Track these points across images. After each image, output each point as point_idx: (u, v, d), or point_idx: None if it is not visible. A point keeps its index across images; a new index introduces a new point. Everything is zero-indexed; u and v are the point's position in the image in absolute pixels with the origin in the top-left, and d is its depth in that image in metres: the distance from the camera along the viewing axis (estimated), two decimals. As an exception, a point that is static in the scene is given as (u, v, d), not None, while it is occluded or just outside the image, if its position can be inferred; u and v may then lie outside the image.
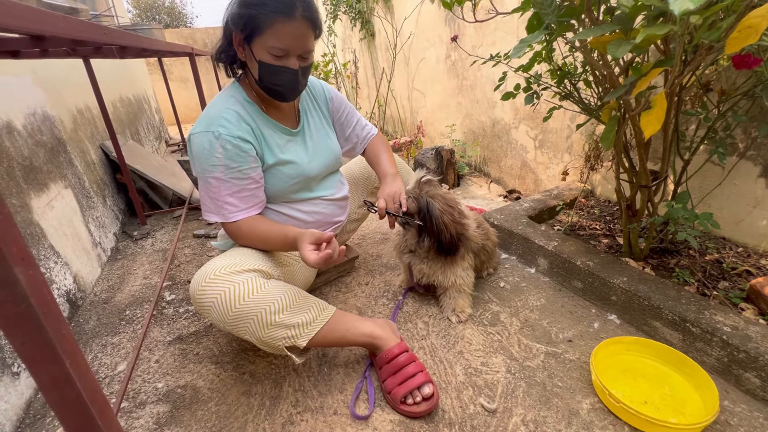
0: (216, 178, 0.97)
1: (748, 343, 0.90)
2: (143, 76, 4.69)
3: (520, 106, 2.10)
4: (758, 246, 1.28)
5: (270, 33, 0.90)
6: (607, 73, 0.99)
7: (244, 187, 1.00)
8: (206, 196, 1.01)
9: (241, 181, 0.99)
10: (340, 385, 1.02)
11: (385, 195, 1.12)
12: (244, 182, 1.00)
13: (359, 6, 3.71)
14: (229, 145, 0.95)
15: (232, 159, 0.97)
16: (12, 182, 1.28)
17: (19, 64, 1.57)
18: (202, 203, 1.03)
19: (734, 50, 0.66)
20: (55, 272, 1.35)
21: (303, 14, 0.90)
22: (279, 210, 1.13)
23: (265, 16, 0.89)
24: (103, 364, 1.16)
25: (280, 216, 1.13)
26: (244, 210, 1.01)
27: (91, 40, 0.68)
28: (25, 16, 0.44)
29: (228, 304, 0.87)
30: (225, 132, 0.95)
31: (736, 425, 0.85)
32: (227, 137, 0.95)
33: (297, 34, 0.92)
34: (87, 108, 2.26)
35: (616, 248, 1.39)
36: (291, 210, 1.14)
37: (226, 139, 0.95)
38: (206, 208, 1.02)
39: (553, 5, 0.88)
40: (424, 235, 1.12)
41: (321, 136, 1.19)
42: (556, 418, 0.89)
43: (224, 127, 0.96)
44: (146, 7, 18.66)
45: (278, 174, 1.07)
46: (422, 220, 1.10)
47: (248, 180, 1.01)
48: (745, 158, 1.25)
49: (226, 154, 0.96)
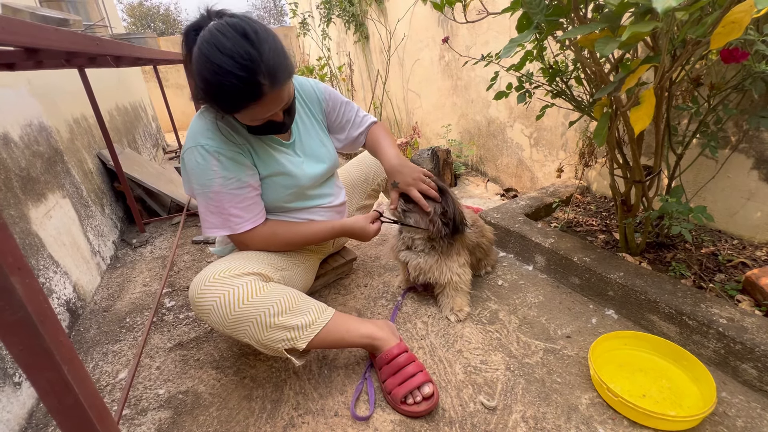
0: (216, 192, 0.95)
1: (744, 334, 0.91)
2: (139, 84, 4.70)
3: (514, 104, 2.11)
4: (753, 238, 1.29)
5: (245, 113, 0.87)
6: (596, 70, 1.00)
7: (245, 196, 0.99)
8: (207, 212, 0.98)
9: (241, 191, 0.98)
10: (340, 386, 1.03)
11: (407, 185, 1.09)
12: (244, 191, 0.99)
13: (353, 9, 3.73)
14: (222, 158, 0.94)
15: (229, 170, 0.95)
16: (10, 193, 1.28)
17: (14, 75, 1.57)
18: (204, 220, 1.00)
19: (719, 45, 0.67)
20: (55, 282, 1.35)
21: (271, 86, 0.83)
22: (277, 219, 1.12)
23: (233, 106, 0.86)
24: (104, 372, 1.17)
25: None
26: (250, 220, 1.01)
27: (84, 51, 0.69)
28: (19, 30, 0.45)
29: (227, 307, 0.87)
30: (214, 145, 0.94)
31: (734, 416, 0.85)
32: (218, 149, 0.94)
33: (272, 106, 0.88)
34: (83, 117, 2.27)
35: (612, 244, 1.40)
36: (288, 218, 1.13)
37: (218, 151, 0.94)
38: (209, 224, 0.99)
39: (542, 5, 0.89)
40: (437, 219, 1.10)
41: (315, 144, 1.16)
42: (556, 413, 0.90)
43: (212, 140, 0.94)
44: (141, 16, 18.72)
45: (272, 185, 1.06)
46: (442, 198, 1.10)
47: (248, 188, 1.00)
48: (738, 151, 1.25)
49: (221, 166, 0.94)
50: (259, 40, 0.81)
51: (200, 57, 0.81)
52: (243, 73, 0.79)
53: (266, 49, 0.82)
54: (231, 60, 0.78)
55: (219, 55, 0.79)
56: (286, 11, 7.70)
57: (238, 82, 0.80)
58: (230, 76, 0.79)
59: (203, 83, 0.83)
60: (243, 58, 0.79)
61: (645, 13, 0.76)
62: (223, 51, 0.79)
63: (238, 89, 0.81)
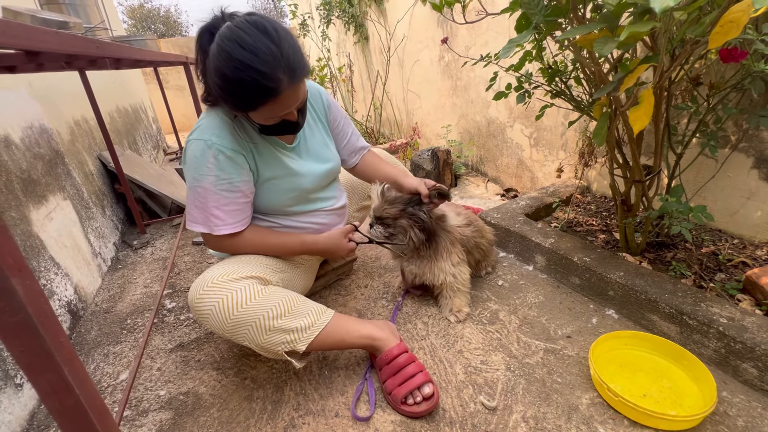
0: (204, 188, 0.95)
1: (745, 333, 0.91)
2: (139, 86, 4.72)
3: (513, 105, 2.11)
4: (753, 237, 1.29)
5: (262, 110, 0.88)
6: (595, 70, 1.00)
7: (232, 201, 0.98)
8: (192, 205, 0.98)
9: (230, 194, 0.97)
10: (341, 387, 1.03)
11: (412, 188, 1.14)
12: (233, 195, 0.97)
13: (352, 10, 3.74)
14: (221, 156, 0.93)
15: (223, 170, 0.94)
16: (11, 195, 1.29)
17: (14, 77, 1.58)
18: (188, 212, 0.99)
19: (717, 45, 0.67)
20: (56, 283, 1.36)
21: (289, 83, 0.84)
22: (278, 221, 1.12)
23: (251, 103, 0.86)
24: (105, 373, 1.17)
25: (280, 228, 1.12)
26: (230, 225, 0.99)
27: (84, 54, 0.69)
28: (20, 34, 0.45)
29: (226, 311, 0.87)
30: (218, 142, 0.93)
31: (734, 415, 0.85)
32: (220, 147, 0.93)
33: (289, 103, 0.89)
34: (84, 119, 2.28)
35: (612, 243, 1.40)
36: (290, 221, 1.13)
37: (219, 149, 0.93)
38: (191, 217, 0.99)
39: (540, 5, 0.89)
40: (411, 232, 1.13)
41: (319, 147, 1.16)
42: (556, 413, 0.90)
43: (218, 137, 0.93)
44: (141, 17, 18.76)
45: (274, 188, 1.06)
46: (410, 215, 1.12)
47: (238, 193, 0.98)
48: (738, 150, 1.25)
49: (217, 165, 0.93)
50: (279, 37, 0.83)
51: (220, 53, 0.81)
52: (264, 68, 0.80)
53: (286, 46, 0.83)
54: (253, 55, 0.79)
55: (240, 51, 0.79)
56: (286, 12, 7.71)
57: (258, 77, 0.81)
58: (251, 71, 0.80)
59: (222, 79, 0.83)
60: (264, 53, 0.80)
61: (643, 13, 0.76)
62: (244, 47, 0.79)
63: (258, 85, 0.82)
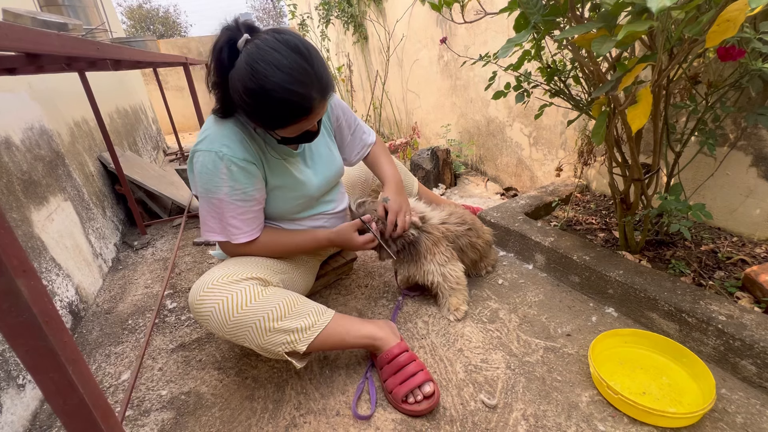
0: (219, 199, 0.95)
1: (743, 331, 0.91)
2: (139, 87, 4.72)
3: (513, 104, 2.11)
4: (752, 235, 1.29)
5: (292, 128, 0.88)
6: (594, 69, 1.00)
7: (248, 209, 0.99)
8: (208, 216, 0.98)
9: (245, 203, 0.98)
10: (341, 386, 1.03)
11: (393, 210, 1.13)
12: (248, 204, 0.98)
13: (351, 10, 3.74)
14: (234, 167, 0.93)
15: (237, 180, 0.94)
16: (12, 197, 1.29)
17: (15, 79, 1.58)
18: (203, 223, 1.00)
19: (714, 44, 0.67)
20: (57, 284, 1.36)
21: (321, 100, 0.86)
22: (282, 227, 1.13)
23: (283, 122, 0.86)
24: (107, 373, 1.18)
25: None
26: (247, 233, 1.01)
27: (84, 55, 0.69)
28: (21, 37, 0.45)
29: (226, 313, 0.88)
30: (229, 153, 0.92)
31: (733, 412, 0.86)
32: (232, 158, 0.92)
33: (317, 117, 0.90)
34: (84, 120, 2.28)
35: (612, 242, 1.41)
36: (294, 225, 1.14)
37: (231, 160, 0.92)
38: (208, 228, 0.99)
39: (539, 5, 0.90)
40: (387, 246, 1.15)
41: (323, 152, 1.16)
42: (556, 411, 0.90)
43: (228, 147, 0.92)
44: (140, 18, 18.76)
45: (281, 195, 1.07)
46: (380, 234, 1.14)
47: (253, 202, 0.99)
48: (736, 148, 1.26)
49: (230, 176, 0.93)
50: (311, 56, 0.84)
51: (254, 74, 0.80)
52: (302, 90, 0.81)
53: (317, 64, 0.84)
54: (290, 77, 0.80)
55: (278, 73, 0.79)
56: (285, 13, 7.72)
57: (295, 99, 0.82)
58: (288, 93, 0.81)
59: (254, 99, 0.82)
60: (300, 74, 0.81)
61: (641, 12, 0.76)
62: (281, 68, 0.79)
63: (294, 106, 0.83)
